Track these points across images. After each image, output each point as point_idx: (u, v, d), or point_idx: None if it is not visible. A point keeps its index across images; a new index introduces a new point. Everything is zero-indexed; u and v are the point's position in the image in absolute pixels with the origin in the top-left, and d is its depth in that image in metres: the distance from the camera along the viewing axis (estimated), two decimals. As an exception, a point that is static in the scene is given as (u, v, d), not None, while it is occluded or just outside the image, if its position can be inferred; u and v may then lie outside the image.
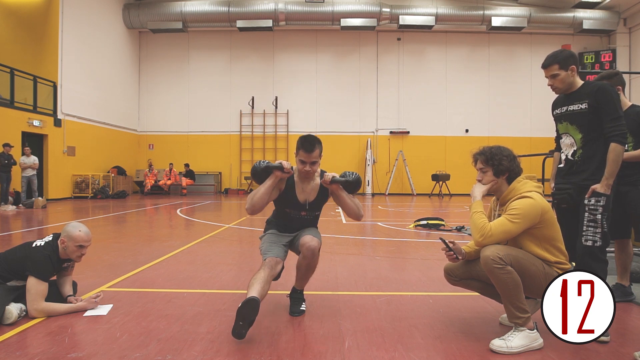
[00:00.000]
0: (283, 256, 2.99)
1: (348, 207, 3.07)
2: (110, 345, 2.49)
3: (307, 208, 3.09)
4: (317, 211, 3.18)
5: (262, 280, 2.67)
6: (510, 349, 2.40)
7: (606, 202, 2.73)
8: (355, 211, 3.08)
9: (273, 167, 2.95)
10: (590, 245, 2.74)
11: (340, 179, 3.00)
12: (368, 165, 18.98)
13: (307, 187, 3.08)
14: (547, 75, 2.93)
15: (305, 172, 2.98)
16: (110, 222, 8.79)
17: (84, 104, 16.21)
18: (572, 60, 2.86)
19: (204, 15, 18.67)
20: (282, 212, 3.16)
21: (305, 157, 2.93)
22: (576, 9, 18.79)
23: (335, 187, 3.03)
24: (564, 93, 2.96)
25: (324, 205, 3.19)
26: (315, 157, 2.94)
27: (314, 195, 3.09)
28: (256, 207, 2.94)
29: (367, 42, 20.07)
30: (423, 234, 7.33)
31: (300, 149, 2.94)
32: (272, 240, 3.07)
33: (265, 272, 2.75)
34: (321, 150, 2.99)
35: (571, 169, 2.93)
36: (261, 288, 2.62)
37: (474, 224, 2.53)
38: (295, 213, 3.11)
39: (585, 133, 2.84)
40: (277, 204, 3.16)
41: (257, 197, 2.93)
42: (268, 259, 2.87)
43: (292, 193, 3.06)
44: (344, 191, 3.05)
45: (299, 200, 3.07)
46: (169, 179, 18.51)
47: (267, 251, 2.95)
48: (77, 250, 3.03)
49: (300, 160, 2.96)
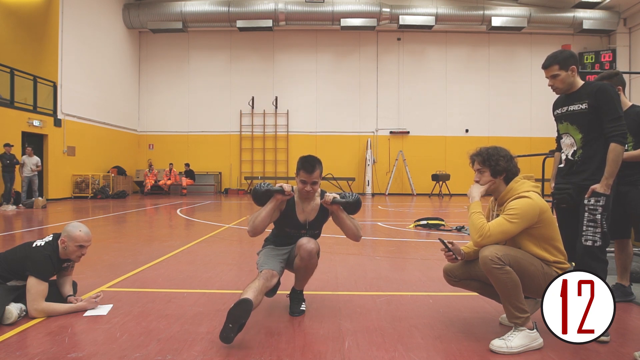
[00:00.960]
0: (279, 270, 2.97)
1: (347, 227, 3.07)
2: (110, 345, 2.49)
3: (307, 227, 3.11)
4: (317, 230, 3.20)
5: (256, 289, 2.65)
6: (510, 349, 2.40)
7: (606, 202, 2.73)
8: (354, 232, 3.09)
9: (274, 191, 2.96)
10: (590, 245, 2.74)
11: (340, 200, 3.01)
12: (368, 165, 18.98)
13: (307, 207, 3.11)
14: (547, 76, 2.93)
15: (306, 192, 3.01)
16: (110, 222, 8.79)
17: (84, 104, 16.21)
18: (572, 60, 2.86)
19: (204, 15, 18.67)
20: (282, 232, 3.17)
21: (306, 177, 2.96)
22: (576, 9, 18.79)
23: (336, 208, 3.03)
24: (564, 93, 2.96)
25: (324, 224, 3.20)
26: (315, 177, 2.98)
27: (314, 215, 3.11)
28: (257, 229, 2.96)
29: (367, 42, 20.07)
30: (423, 234, 7.33)
31: (301, 170, 2.97)
32: (269, 254, 3.08)
33: (260, 282, 2.73)
34: (322, 170, 3.03)
35: (571, 169, 2.93)
36: (254, 296, 2.59)
37: (472, 224, 2.53)
38: (295, 232, 3.12)
39: (586, 133, 2.84)
40: (277, 224, 3.17)
41: (258, 220, 2.94)
42: (264, 271, 2.87)
43: (292, 213, 3.08)
44: (344, 212, 3.06)
45: (299, 220, 3.09)
46: (169, 179, 18.52)
47: (264, 264, 2.96)
48: (77, 250, 3.03)
49: (301, 181, 2.99)
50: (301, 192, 3.04)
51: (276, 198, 2.97)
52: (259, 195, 3.00)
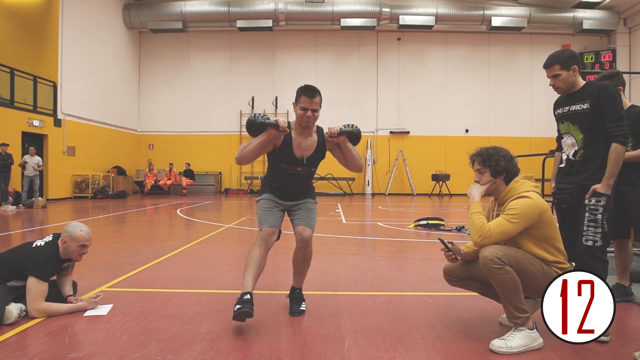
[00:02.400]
0: (278, 224, 3.04)
1: (354, 157, 3.07)
2: (110, 345, 2.49)
3: (305, 163, 3.06)
4: (314, 167, 3.14)
5: (257, 261, 2.83)
6: (510, 349, 2.40)
7: (607, 202, 2.73)
8: (359, 161, 3.11)
9: (269, 124, 2.89)
10: (590, 245, 2.74)
11: (347, 130, 3.01)
12: (368, 165, 18.99)
13: (304, 143, 3.04)
14: (548, 75, 2.92)
15: (307, 119, 2.93)
16: (110, 222, 8.79)
17: (84, 104, 16.21)
18: (573, 60, 2.85)
19: (204, 15, 18.67)
20: (278, 168, 3.10)
21: (307, 102, 2.89)
22: (576, 9, 18.79)
23: (343, 139, 3.02)
24: (565, 93, 2.96)
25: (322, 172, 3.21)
26: (316, 103, 2.92)
27: (311, 151, 3.07)
28: (245, 159, 2.93)
29: (367, 42, 20.07)
30: (423, 234, 7.32)
31: (301, 95, 2.90)
32: (267, 206, 3.08)
33: (261, 250, 2.88)
34: (321, 99, 2.98)
35: (572, 169, 2.93)
36: (254, 275, 2.80)
37: (472, 224, 2.53)
38: (292, 168, 3.06)
39: (587, 133, 2.84)
40: (273, 158, 3.10)
41: (247, 150, 2.92)
42: (263, 230, 2.95)
43: (289, 149, 3.01)
44: (349, 143, 3.06)
45: (295, 155, 3.04)
46: (169, 179, 18.52)
47: (263, 221, 3.01)
48: (79, 250, 3.04)
49: (302, 108, 2.91)
50: (301, 120, 2.96)
51: (269, 132, 2.90)
52: (254, 127, 2.95)
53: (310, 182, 3.25)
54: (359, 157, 3.11)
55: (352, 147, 3.06)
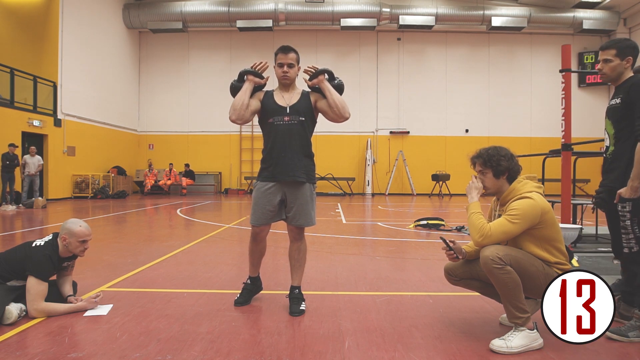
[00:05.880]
0: (267, 221, 3.16)
1: (336, 99, 3.06)
2: (110, 345, 2.48)
3: (289, 112, 3.10)
4: (302, 116, 3.11)
5: (253, 252, 3.28)
6: (510, 349, 2.40)
7: (633, 207, 2.62)
8: (342, 105, 3.07)
9: (246, 71, 3.12)
10: (627, 253, 2.69)
11: (324, 69, 3.12)
12: (368, 165, 18.99)
13: (287, 94, 3.18)
14: (600, 58, 2.82)
15: (283, 74, 3.10)
16: (110, 222, 8.79)
17: (84, 104, 16.21)
18: (631, 51, 2.75)
19: (204, 15, 18.67)
20: (267, 127, 3.14)
21: (283, 58, 3.09)
22: (576, 9, 18.80)
23: (322, 79, 3.08)
24: (609, 82, 2.86)
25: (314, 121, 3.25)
26: (291, 59, 3.10)
27: (295, 100, 3.15)
28: (236, 112, 3.03)
29: (367, 42, 20.07)
30: (423, 234, 7.32)
31: (278, 53, 3.11)
32: (258, 202, 3.14)
33: (255, 242, 3.26)
34: (298, 58, 3.16)
35: (605, 167, 2.88)
36: (253, 263, 3.30)
37: (472, 224, 2.53)
38: (279, 119, 3.09)
39: (618, 129, 2.76)
40: (262, 118, 3.18)
41: (235, 102, 3.06)
42: (253, 228, 3.21)
43: (272, 100, 3.15)
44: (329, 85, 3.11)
45: (279, 104, 3.12)
46: (169, 179, 18.52)
47: (252, 215, 3.17)
48: (80, 245, 3.05)
49: (279, 64, 3.11)
50: (279, 76, 3.14)
51: (248, 79, 3.11)
52: (235, 85, 3.17)
53: (306, 145, 3.16)
54: (343, 101, 3.11)
55: (334, 91, 3.10)
